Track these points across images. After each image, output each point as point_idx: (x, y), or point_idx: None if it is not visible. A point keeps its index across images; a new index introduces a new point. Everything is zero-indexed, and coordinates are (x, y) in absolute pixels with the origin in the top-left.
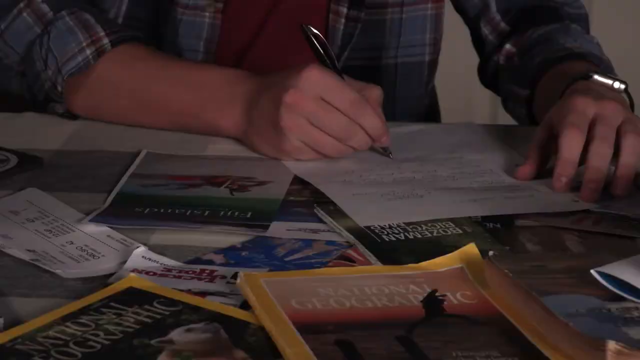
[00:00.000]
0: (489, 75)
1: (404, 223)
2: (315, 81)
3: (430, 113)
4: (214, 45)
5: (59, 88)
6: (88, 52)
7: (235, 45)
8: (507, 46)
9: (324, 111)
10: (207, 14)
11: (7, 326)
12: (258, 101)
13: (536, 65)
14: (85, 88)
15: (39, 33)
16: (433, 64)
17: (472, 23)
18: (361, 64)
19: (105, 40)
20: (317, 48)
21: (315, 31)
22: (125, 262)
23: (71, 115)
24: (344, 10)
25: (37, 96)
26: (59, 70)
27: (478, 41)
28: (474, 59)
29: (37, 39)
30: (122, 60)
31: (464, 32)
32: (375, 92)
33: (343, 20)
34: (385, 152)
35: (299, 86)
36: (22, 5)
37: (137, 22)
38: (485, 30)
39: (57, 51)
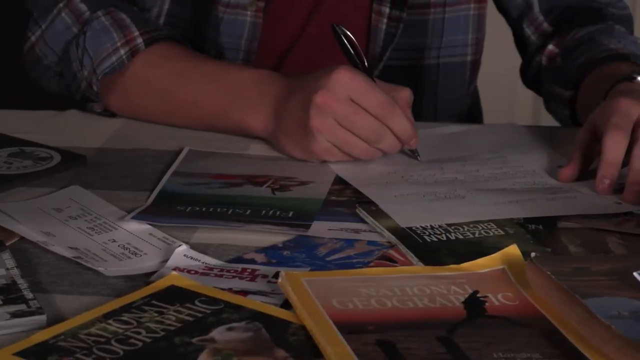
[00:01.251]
0: (531, 76)
1: (445, 224)
2: (346, 83)
3: (472, 114)
4: (256, 44)
5: (95, 88)
6: (122, 52)
7: (277, 45)
8: (550, 47)
9: (354, 113)
10: (249, 12)
11: (50, 323)
12: (287, 102)
13: (579, 66)
14: (120, 88)
15: (76, 33)
16: (475, 65)
17: (515, 23)
18: (403, 64)
19: (139, 40)
20: (348, 48)
21: (347, 31)
22: (167, 260)
23: (109, 114)
24: (386, 10)
25: (75, 96)
26: (94, 70)
27: (520, 42)
28: (516, 60)
29: (74, 39)
30: (154, 60)
31: (506, 33)
32: (405, 94)
33: (385, 20)
34: (413, 154)
35: (329, 88)
36: (61, 5)
37: (179, 21)
38: (528, 30)
39: (93, 51)
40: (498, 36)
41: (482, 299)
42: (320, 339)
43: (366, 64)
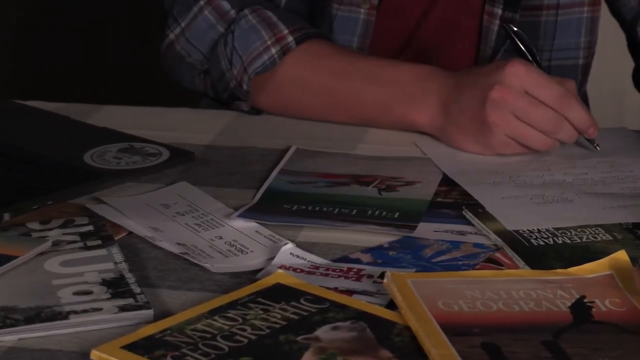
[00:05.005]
0: None
1: (552, 227)
2: (521, 76)
3: None
4: (368, 42)
5: (245, 87)
6: (273, 50)
7: (389, 44)
8: None
9: (531, 105)
10: (362, 10)
11: (157, 318)
12: (458, 97)
13: None
14: (272, 86)
15: (222, 32)
16: (586, 68)
17: (628, 27)
18: None
19: (290, 39)
20: (519, 45)
21: (516, 29)
22: (273, 258)
23: (255, 112)
24: (499, 11)
25: (222, 94)
26: (245, 69)
27: (634, 45)
28: (626, 63)
29: (220, 38)
30: (308, 58)
31: (618, 36)
32: (572, 85)
33: (497, 22)
34: (592, 144)
35: (504, 82)
36: (202, 3)
37: (295, 16)
38: None
39: (242, 50)
40: (608, 39)
41: (588, 304)
42: (425, 340)
43: (537, 57)
